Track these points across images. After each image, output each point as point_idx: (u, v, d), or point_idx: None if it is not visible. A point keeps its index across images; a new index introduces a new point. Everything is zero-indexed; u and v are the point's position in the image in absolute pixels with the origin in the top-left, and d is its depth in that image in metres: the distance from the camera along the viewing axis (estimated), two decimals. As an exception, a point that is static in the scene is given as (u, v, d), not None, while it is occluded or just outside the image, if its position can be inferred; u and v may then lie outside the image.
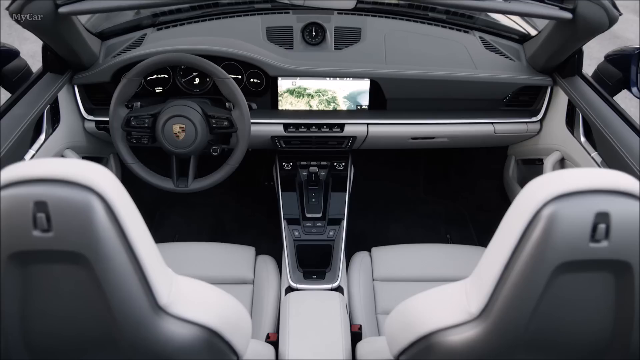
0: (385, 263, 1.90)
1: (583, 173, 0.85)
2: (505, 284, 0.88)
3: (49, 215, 0.79)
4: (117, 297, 0.85)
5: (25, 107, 1.65)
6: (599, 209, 0.81)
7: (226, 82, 1.73)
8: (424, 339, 1.02)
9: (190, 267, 1.84)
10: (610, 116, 1.66)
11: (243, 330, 1.12)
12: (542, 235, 0.82)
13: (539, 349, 0.94)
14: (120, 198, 0.85)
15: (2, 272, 0.82)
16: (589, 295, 0.88)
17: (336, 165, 2.11)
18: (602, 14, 1.50)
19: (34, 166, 0.82)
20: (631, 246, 0.83)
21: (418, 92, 1.98)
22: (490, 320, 0.91)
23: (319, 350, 1.46)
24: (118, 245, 0.83)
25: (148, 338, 0.91)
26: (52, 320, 0.89)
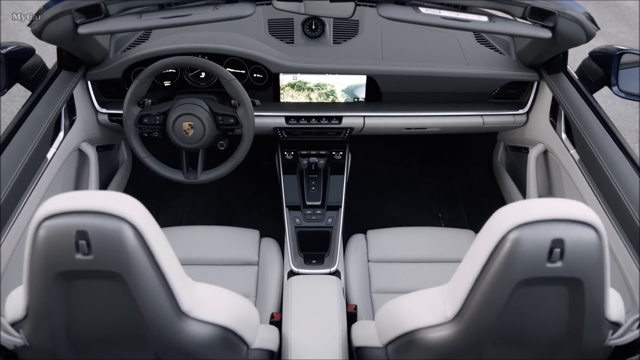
0: (379, 245, 2.06)
1: (543, 204, 1.00)
2: (476, 294, 1.03)
3: (89, 241, 0.94)
4: (147, 306, 1.01)
5: (44, 107, 1.76)
6: (555, 235, 0.96)
7: (232, 83, 1.85)
8: (407, 335, 1.19)
9: (200, 250, 1.99)
10: (589, 117, 1.78)
11: (252, 324, 1.28)
12: (507, 256, 0.97)
13: (504, 346, 1.11)
14: (147, 224, 0.99)
15: (51, 288, 0.98)
16: (547, 305, 1.04)
17: (334, 155, 2.25)
18: (580, 30, 1.62)
19: (75, 199, 0.96)
20: (582, 266, 0.98)
21: (412, 87, 2.10)
22: (462, 323, 1.07)
23: (318, 332, 1.63)
24: (147, 264, 0.99)
25: (173, 338, 1.07)
26: (91, 324, 1.05)
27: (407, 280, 1.95)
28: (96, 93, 2.09)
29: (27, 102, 1.81)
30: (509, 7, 1.57)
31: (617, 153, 1.63)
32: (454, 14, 1.52)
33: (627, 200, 1.49)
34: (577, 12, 1.61)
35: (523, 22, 1.60)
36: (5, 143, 1.60)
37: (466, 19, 1.51)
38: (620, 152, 1.63)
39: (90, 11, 1.58)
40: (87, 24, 1.58)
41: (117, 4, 1.57)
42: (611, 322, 1.09)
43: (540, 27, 1.59)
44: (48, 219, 0.95)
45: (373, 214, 2.72)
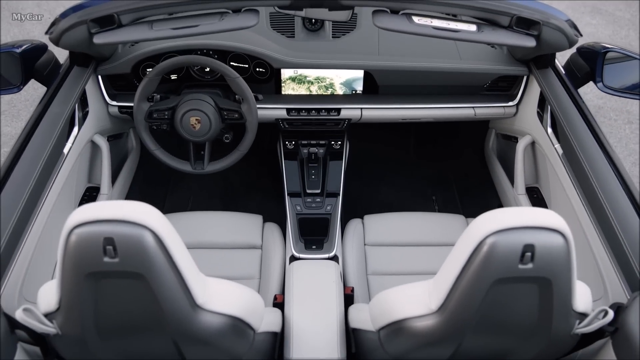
0: (375, 230, 2.19)
1: (517, 213, 1.12)
2: (457, 289, 1.17)
3: (115, 246, 1.07)
4: (166, 300, 1.15)
5: (60, 105, 1.87)
6: (526, 241, 1.09)
7: (236, 81, 1.95)
8: (396, 323, 1.33)
9: (207, 234, 2.13)
10: (573, 113, 1.89)
11: (258, 312, 1.43)
12: (484, 258, 1.11)
13: (483, 334, 1.25)
14: (165, 230, 1.12)
15: (81, 286, 1.12)
16: (519, 300, 1.18)
17: (333, 145, 2.37)
18: (563, 38, 1.72)
19: (102, 210, 1.09)
20: (551, 267, 1.12)
21: (407, 80, 2.21)
22: (445, 315, 1.21)
23: (317, 315, 1.77)
24: (165, 264, 1.12)
25: (189, 328, 1.22)
26: (117, 316, 1.20)
27: (401, 263, 2.09)
28: (106, 86, 2.19)
29: (44, 98, 1.91)
30: (496, 17, 1.67)
31: (597, 151, 1.74)
32: (445, 23, 1.62)
33: (603, 197, 1.61)
34: (560, 20, 1.71)
35: (509, 31, 1.69)
36: (26, 141, 1.71)
37: (456, 28, 1.61)
38: (599, 150, 1.75)
39: (104, 21, 1.68)
40: (102, 34, 1.68)
41: (130, 14, 1.67)
42: (578, 313, 1.23)
43: (526, 35, 1.69)
44: (79, 227, 1.08)
45: (370, 197, 2.84)
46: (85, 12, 1.67)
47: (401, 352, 1.41)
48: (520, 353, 1.36)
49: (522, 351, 1.35)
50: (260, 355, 1.53)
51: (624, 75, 2.01)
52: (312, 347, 1.67)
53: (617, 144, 3.61)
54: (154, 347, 1.30)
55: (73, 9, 1.70)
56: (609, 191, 1.62)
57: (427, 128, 3.02)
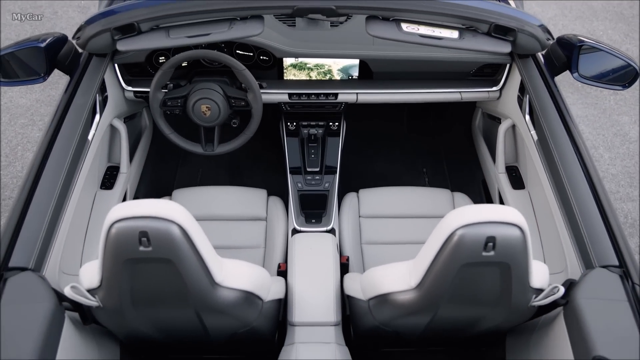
0: (369, 203, 2.42)
1: (482, 210, 1.35)
2: (432, 271, 1.41)
3: (149, 238, 1.30)
4: (190, 280, 1.40)
5: (83, 95, 2.06)
6: (489, 233, 1.33)
7: (243, 72, 2.14)
8: (382, 296, 1.58)
9: (216, 207, 2.36)
10: (547, 103, 2.09)
11: (266, 286, 1.67)
12: (454, 246, 1.34)
13: (454, 305, 1.50)
14: (190, 224, 1.35)
15: (120, 269, 1.36)
16: (484, 279, 1.42)
17: (331, 126, 2.58)
18: (536, 43, 1.90)
19: (137, 208, 1.32)
20: (509, 254, 1.36)
21: (399, 68, 2.39)
22: (422, 291, 1.46)
23: (316, 282, 2.02)
24: (189, 251, 1.36)
25: (209, 301, 1.47)
26: (149, 292, 1.45)
27: (393, 233, 2.33)
28: (122, 73, 2.38)
29: (68, 88, 2.10)
30: (476, 24, 1.85)
31: (566, 141, 1.95)
32: (430, 31, 1.80)
33: (567, 184, 1.83)
34: (534, 27, 1.89)
35: (488, 37, 1.87)
36: (56, 132, 1.92)
37: (440, 36, 1.80)
38: (568, 140, 1.95)
39: (126, 29, 1.86)
40: (124, 40, 1.86)
41: (148, 22, 1.84)
42: (535, 289, 1.48)
43: (502, 41, 1.87)
44: (118, 222, 1.31)
45: (365, 170, 3.06)
46: (109, 21, 1.85)
47: (387, 319, 1.68)
48: (486, 321, 1.63)
49: (488, 319, 1.61)
50: (267, 320, 1.79)
51: (597, 67, 2.19)
52: (312, 311, 1.92)
53: (601, 115, 3.80)
54: (180, 316, 1.55)
55: (98, 16, 1.87)
56: (573, 179, 1.84)
57: (419, 105, 3.21)
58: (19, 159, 3.36)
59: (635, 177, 3.39)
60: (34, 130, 3.54)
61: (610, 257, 1.62)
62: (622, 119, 3.78)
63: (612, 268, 1.59)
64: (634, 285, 1.54)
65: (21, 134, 3.51)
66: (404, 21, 1.83)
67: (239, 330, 1.72)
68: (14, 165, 3.33)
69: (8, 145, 3.44)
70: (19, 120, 3.59)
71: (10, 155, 3.38)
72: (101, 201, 2.26)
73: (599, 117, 3.78)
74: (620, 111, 3.84)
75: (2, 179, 3.25)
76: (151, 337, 1.74)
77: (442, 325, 1.66)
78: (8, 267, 1.55)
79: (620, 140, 3.64)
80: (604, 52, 2.14)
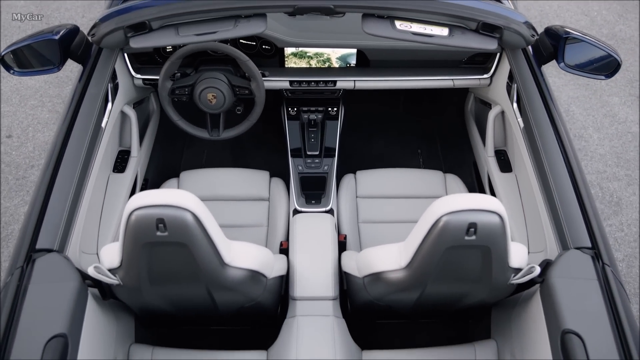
0: (366, 184, 2.57)
1: (465, 199, 1.50)
2: (420, 252, 1.57)
3: (165, 224, 1.46)
4: (202, 261, 1.55)
5: (96, 85, 2.19)
6: (471, 220, 1.48)
7: (247, 63, 2.26)
8: (375, 274, 1.75)
9: (222, 188, 2.51)
10: (533, 93, 2.21)
11: (270, 265, 1.83)
12: (439, 231, 1.50)
13: (440, 282, 1.66)
14: (201, 211, 1.50)
15: (139, 252, 1.51)
16: (467, 260, 1.58)
17: (330, 111, 2.71)
18: (521, 39, 2.02)
19: (154, 197, 1.47)
20: (489, 238, 1.51)
21: (394, 56, 2.52)
22: (411, 270, 1.62)
23: (316, 260, 2.17)
24: (201, 235, 1.51)
25: (219, 279, 1.63)
26: (165, 271, 1.60)
27: (388, 213, 2.48)
28: (131, 61, 2.50)
29: (82, 78, 2.23)
30: (465, 22, 1.97)
31: (549, 131, 2.08)
32: (422, 28, 1.92)
33: (549, 170, 1.97)
34: (519, 24, 2.01)
35: (476, 34, 1.99)
36: (72, 122, 2.05)
37: (431, 34, 1.92)
38: (552, 130, 2.09)
39: (138, 27, 1.98)
40: (136, 38, 1.98)
41: (158, 21, 1.96)
42: (513, 268, 1.63)
43: (490, 38, 1.99)
44: (137, 210, 1.46)
45: (363, 152, 3.20)
46: (121, 19, 1.97)
47: (380, 295, 1.84)
48: (471, 297, 1.79)
49: (472, 295, 1.78)
50: (271, 295, 1.95)
51: (582, 57, 2.31)
52: (312, 286, 2.08)
53: (592, 96, 3.92)
54: (192, 293, 1.72)
55: (112, 14, 1.99)
56: (554, 166, 1.98)
57: (415, 90, 3.33)
58: (30, 139, 3.50)
59: (622, 157, 3.54)
60: (44, 111, 3.67)
61: (584, 239, 1.78)
62: (612, 100, 3.90)
63: (585, 250, 1.75)
64: (604, 266, 1.70)
65: (31, 115, 3.64)
66: (398, 19, 1.95)
67: (245, 305, 1.89)
68: (26, 145, 3.47)
69: (19, 126, 3.58)
70: (29, 102, 3.71)
71: (22, 136, 3.52)
72: (114, 184, 2.41)
73: (589, 98, 3.90)
74: (610, 92, 3.96)
75: (14, 159, 3.39)
76: (164, 311, 1.91)
77: (431, 300, 1.83)
78: (35, 249, 1.71)
79: (610, 120, 3.77)
80: (589, 43, 2.26)
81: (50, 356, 1.47)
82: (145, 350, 1.92)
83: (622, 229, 3.17)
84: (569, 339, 1.53)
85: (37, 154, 3.41)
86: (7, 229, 3.05)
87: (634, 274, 2.97)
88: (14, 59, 2.23)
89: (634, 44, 4.33)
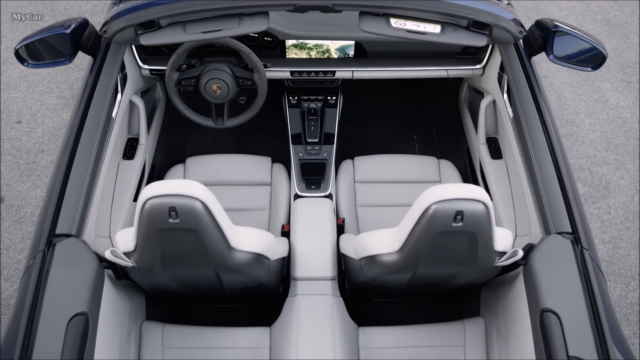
0: (364, 169, 2.70)
1: (453, 188, 1.63)
2: (411, 238, 1.70)
3: (177, 212, 1.59)
4: (210, 245, 1.69)
5: (106, 77, 2.30)
6: (458, 208, 1.61)
7: (250, 56, 2.37)
8: (370, 257, 1.88)
9: (226, 174, 2.64)
10: (522, 84, 2.33)
11: (272, 248, 1.97)
12: (429, 218, 1.63)
13: (430, 265, 1.80)
14: (210, 200, 1.63)
15: (153, 237, 1.65)
16: (454, 244, 1.71)
17: (329, 99, 2.83)
18: (509, 36, 2.14)
19: (166, 187, 1.59)
20: (475, 225, 1.64)
21: (391, 47, 2.63)
22: (403, 253, 1.75)
23: (316, 242, 2.30)
24: (210, 222, 1.64)
25: (226, 262, 1.76)
26: (176, 254, 1.74)
27: (384, 197, 2.61)
28: (139, 52, 2.61)
29: (93, 69, 2.34)
30: (457, 20, 2.07)
31: (536, 121, 2.20)
32: (415, 26, 2.03)
33: (534, 159, 2.10)
34: (508, 21, 2.12)
35: (467, 31, 2.10)
36: (85, 113, 2.17)
37: (424, 31, 2.03)
38: (539, 120, 2.20)
39: (147, 24, 2.09)
40: (146, 35, 2.09)
41: (167, 19, 2.07)
42: (498, 252, 1.77)
43: (479, 34, 2.10)
44: (151, 199, 1.59)
45: (361, 138, 3.32)
46: (132, 17, 2.08)
47: (375, 276, 1.98)
48: (459, 277, 1.93)
49: (460, 276, 1.92)
50: (274, 275, 2.10)
51: (570, 50, 2.41)
52: (312, 267, 2.22)
53: (584, 82, 4.02)
54: (200, 274, 1.86)
55: (123, 12, 2.10)
56: (540, 155, 2.10)
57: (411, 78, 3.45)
58: (40, 125, 3.62)
59: (611, 142, 3.65)
60: (52, 97, 3.78)
61: (565, 225, 1.91)
62: (604, 86, 4.01)
63: (565, 234, 1.88)
64: (582, 250, 1.83)
65: (40, 101, 3.75)
66: (393, 16, 2.06)
67: (249, 285, 2.03)
68: (35, 131, 3.58)
69: (29, 112, 3.69)
70: (37, 88, 3.82)
71: (31, 121, 3.63)
72: (124, 170, 2.54)
73: (582, 84, 4.01)
74: (603, 78, 4.06)
75: (24, 144, 3.51)
76: (174, 290, 2.06)
77: (422, 281, 1.97)
78: (55, 234, 1.84)
79: (601, 106, 3.87)
80: (576, 37, 2.36)
81: (74, 332, 1.61)
82: (156, 327, 2.07)
83: (610, 211, 3.30)
84: (547, 317, 1.67)
85: (47, 139, 3.53)
86: (20, 212, 3.19)
87: (620, 255, 3.11)
88: (28, 52, 2.34)
89: (628, 30, 4.42)
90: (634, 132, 3.72)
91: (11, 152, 3.46)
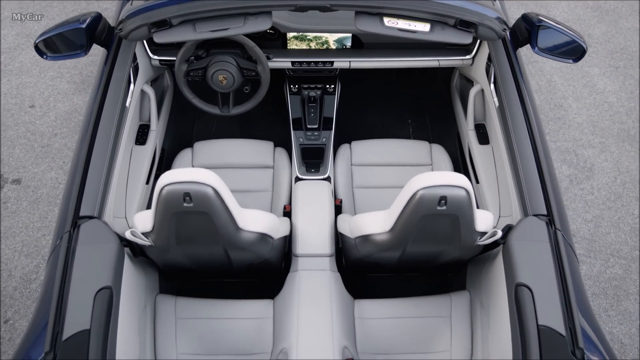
0: (360, 153, 2.88)
1: (437, 175, 1.82)
2: (401, 219, 1.90)
3: (191, 197, 1.78)
4: (220, 226, 1.89)
5: (121, 68, 2.47)
6: (442, 193, 1.80)
7: (253, 49, 2.54)
8: (364, 236, 2.08)
9: (231, 157, 2.82)
10: (507, 76, 2.49)
11: (275, 227, 2.16)
12: (416, 202, 1.82)
13: (418, 243, 2.00)
14: (220, 186, 1.83)
15: (169, 220, 1.84)
16: (439, 225, 1.91)
17: (328, 88, 3.00)
18: (493, 34, 2.30)
19: (182, 175, 1.78)
20: (457, 209, 1.83)
21: (386, 39, 2.78)
22: (394, 233, 1.95)
23: (315, 222, 2.50)
24: (220, 206, 1.84)
25: (234, 241, 1.97)
26: (189, 234, 1.94)
27: (379, 179, 2.81)
28: (149, 43, 2.78)
29: (107, 61, 2.51)
30: (444, 19, 2.24)
31: (519, 110, 2.38)
32: (406, 24, 2.20)
33: (516, 146, 2.28)
34: (492, 20, 2.28)
35: (454, 30, 2.27)
36: (102, 102, 2.35)
37: (414, 29, 2.20)
38: (521, 110, 2.38)
39: (160, 23, 2.25)
40: (159, 33, 2.25)
41: (178, 18, 2.24)
42: (479, 232, 1.96)
43: (465, 32, 2.27)
44: (167, 186, 1.78)
45: (357, 123, 3.50)
46: (146, 16, 2.24)
47: (368, 253, 2.19)
48: (445, 255, 2.14)
49: (446, 254, 2.13)
50: (277, 253, 2.30)
51: (553, 43, 2.58)
52: (311, 244, 2.41)
53: (573, 67, 4.18)
54: (211, 252, 2.06)
55: (137, 12, 2.26)
56: (520, 142, 2.29)
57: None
58: (52, 109, 3.79)
59: (597, 126, 3.83)
60: (63, 82, 3.94)
61: (541, 207, 2.10)
62: (592, 71, 4.17)
63: (541, 216, 2.07)
64: (555, 230, 2.02)
65: (51, 86, 3.92)
66: (386, 15, 2.23)
67: (255, 261, 2.24)
68: (48, 115, 3.76)
69: (41, 96, 3.86)
70: (48, 73, 3.98)
71: (44, 106, 3.81)
72: (137, 155, 2.73)
73: (571, 69, 4.17)
74: (591, 63, 4.22)
75: (38, 128, 3.69)
76: (186, 266, 2.26)
77: (411, 258, 2.17)
78: (79, 215, 2.04)
79: (589, 90, 4.04)
80: (558, 31, 2.53)
81: (100, 305, 1.81)
82: (170, 300, 2.27)
83: (593, 192, 3.49)
84: (520, 290, 1.87)
85: (59, 123, 3.71)
86: (37, 193, 3.38)
87: (600, 233, 3.32)
88: (46, 45, 2.50)
89: (617, 16, 4.56)
90: (619, 116, 3.89)
91: (26, 136, 3.65)
